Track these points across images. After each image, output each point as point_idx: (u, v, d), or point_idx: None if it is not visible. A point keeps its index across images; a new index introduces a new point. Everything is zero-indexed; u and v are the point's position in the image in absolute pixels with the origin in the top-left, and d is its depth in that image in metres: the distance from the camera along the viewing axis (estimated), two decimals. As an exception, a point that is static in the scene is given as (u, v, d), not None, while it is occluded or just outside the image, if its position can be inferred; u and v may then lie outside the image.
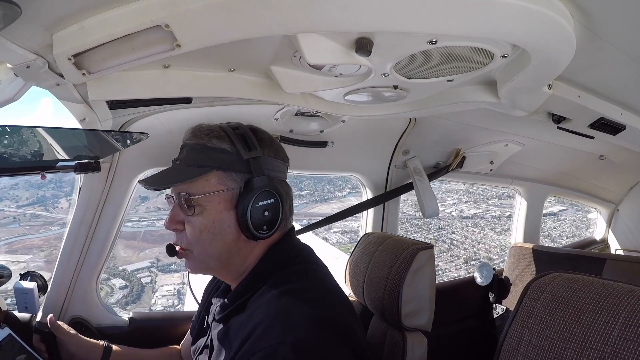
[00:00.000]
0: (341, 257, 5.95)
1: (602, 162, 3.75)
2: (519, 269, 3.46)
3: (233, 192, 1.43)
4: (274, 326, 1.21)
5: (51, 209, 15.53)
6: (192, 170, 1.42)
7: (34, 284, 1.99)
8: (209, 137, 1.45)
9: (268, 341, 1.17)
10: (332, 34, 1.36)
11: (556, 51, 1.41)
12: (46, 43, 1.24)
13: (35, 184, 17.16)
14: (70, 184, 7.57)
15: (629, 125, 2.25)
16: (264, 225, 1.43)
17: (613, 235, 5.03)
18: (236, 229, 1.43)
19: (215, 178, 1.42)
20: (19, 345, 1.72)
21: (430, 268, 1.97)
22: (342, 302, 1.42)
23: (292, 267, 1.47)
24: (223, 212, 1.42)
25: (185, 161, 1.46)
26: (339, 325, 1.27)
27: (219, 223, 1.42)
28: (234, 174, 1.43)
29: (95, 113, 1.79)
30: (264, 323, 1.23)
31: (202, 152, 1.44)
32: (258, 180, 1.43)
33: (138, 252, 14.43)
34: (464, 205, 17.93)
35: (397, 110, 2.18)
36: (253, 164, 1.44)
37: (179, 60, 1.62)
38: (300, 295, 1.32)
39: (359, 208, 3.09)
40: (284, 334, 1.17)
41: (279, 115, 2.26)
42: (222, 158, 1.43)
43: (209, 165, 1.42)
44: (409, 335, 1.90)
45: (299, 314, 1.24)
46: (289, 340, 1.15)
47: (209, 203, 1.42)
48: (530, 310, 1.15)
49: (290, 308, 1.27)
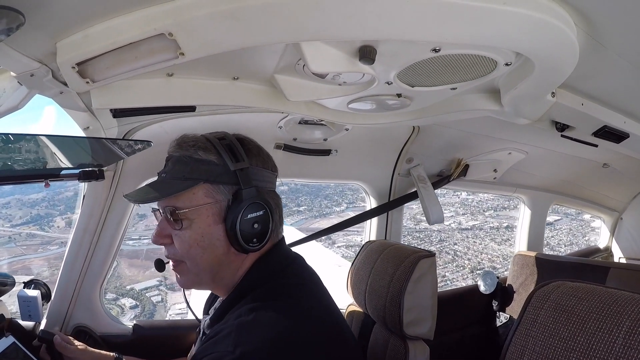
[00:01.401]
0: (344, 265, 5.93)
1: (605, 170, 3.75)
2: (523, 277, 3.46)
3: (221, 204, 1.39)
4: (230, 336, 1.21)
5: (47, 228, 15.51)
6: (179, 184, 1.38)
7: (38, 292, 2.00)
8: (195, 149, 1.41)
9: (219, 347, 1.18)
10: (335, 42, 1.36)
11: (559, 59, 1.41)
12: (50, 51, 1.24)
13: (28, 202, 17.13)
14: (64, 202, 7.58)
15: (632, 134, 2.24)
16: (254, 238, 1.40)
17: (616, 244, 5.01)
18: (226, 242, 1.40)
19: (203, 191, 1.39)
20: (23, 354, 1.72)
21: (432, 276, 1.96)
22: (314, 325, 1.35)
23: (275, 281, 1.43)
24: (212, 225, 1.39)
25: (171, 174, 1.42)
26: (294, 350, 1.23)
27: (208, 237, 1.39)
28: (222, 186, 1.39)
29: (99, 121, 1.80)
30: (224, 331, 1.24)
31: (188, 164, 1.39)
32: (246, 192, 1.39)
33: (143, 271, 14.44)
34: (462, 217, 18.07)
35: (401, 119, 2.18)
36: (241, 175, 1.40)
37: (183, 69, 1.62)
38: (267, 313, 1.29)
39: (364, 217, 3.09)
40: (235, 345, 1.17)
41: (282, 124, 2.26)
42: (209, 170, 1.39)
43: (196, 178, 1.38)
44: (411, 344, 1.90)
45: (257, 330, 1.23)
46: (237, 352, 1.14)
47: (197, 216, 1.38)
48: (533, 319, 1.14)
49: (251, 323, 1.25)
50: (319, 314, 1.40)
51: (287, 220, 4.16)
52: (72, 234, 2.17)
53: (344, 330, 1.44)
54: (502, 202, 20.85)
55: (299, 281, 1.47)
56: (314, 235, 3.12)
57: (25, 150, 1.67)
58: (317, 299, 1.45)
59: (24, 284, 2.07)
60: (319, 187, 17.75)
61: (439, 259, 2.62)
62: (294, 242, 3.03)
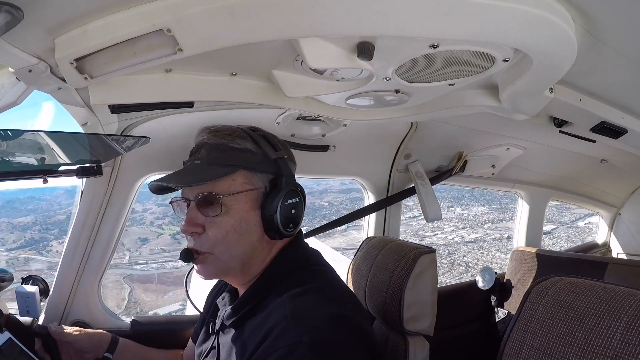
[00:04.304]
0: (343, 261, 5.94)
1: (603, 165, 3.75)
2: (521, 273, 3.46)
3: (259, 191, 1.44)
4: (290, 326, 1.20)
5: (45, 252, 15.44)
6: (218, 169, 1.41)
7: (36, 288, 1.99)
8: (232, 137, 1.45)
9: (285, 341, 1.17)
10: (333, 38, 1.36)
11: (558, 55, 1.41)
12: (48, 47, 1.24)
13: (19, 225, 17.06)
14: (57, 226, 7.58)
15: (630, 129, 2.24)
16: (291, 223, 1.45)
17: (615, 239, 5.02)
18: (261, 229, 1.44)
19: (242, 177, 1.42)
20: (19, 350, 1.71)
21: (432, 272, 1.96)
22: (355, 303, 1.43)
23: (305, 269, 1.47)
24: (249, 211, 1.42)
25: (207, 160, 1.44)
26: (355, 325, 1.27)
27: (246, 222, 1.42)
28: (259, 174, 1.44)
29: (97, 117, 1.80)
30: (281, 323, 1.23)
31: (226, 151, 1.43)
32: (286, 179, 1.45)
33: (162, 295, 14.44)
34: (463, 231, 18.32)
35: (399, 114, 2.18)
36: (281, 163, 1.46)
37: (181, 65, 1.62)
38: (316, 294, 1.32)
39: (362, 212, 3.09)
40: (301, 333, 1.16)
41: (280, 119, 2.26)
42: (247, 158, 1.43)
43: (235, 164, 1.42)
44: (411, 340, 1.90)
45: (316, 313, 1.25)
46: (306, 340, 1.14)
47: (235, 202, 1.41)
48: (532, 314, 1.15)
49: (306, 308, 1.27)
50: (349, 295, 1.48)
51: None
52: (70, 229, 2.17)
53: (365, 313, 1.53)
54: (497, 215, 21.08)
55: (326, 268, 1.53)
56: (314, 231, 3.12)
57: (23, 147, 1.67)
58: (341, 282, 1.51)
59: (22, 279, 2.07)
60: (313, 207, 17.91)
61: (452, 271, 2.69)
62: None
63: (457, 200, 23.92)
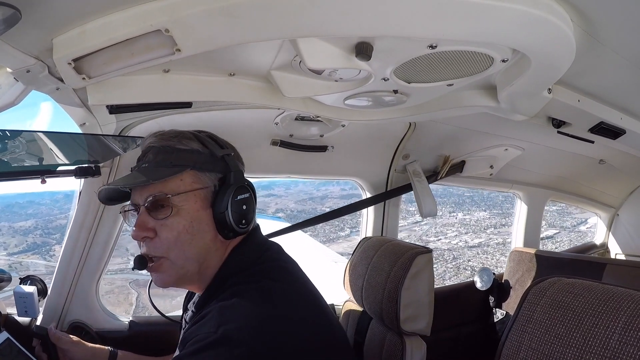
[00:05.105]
0: (340, 262, 5.94)
1: (602, 166, 3.75)
2: (519, 273, 3.46)
3: (208, 190, 1.41)
4: (214, 317, 1.20)
5: (48, 257, 15.39)
6: (165, 170, 1.38)
7: (34, 288, 1.99)
8: (178, 139, 1.43)
9: (202, 330, 1.18)
10: (332, 39, 1.36)
11: (556, 56, 1.41)
12: (46, 47, 1.24)
13: (20, 229, 17.00)
14: (59, 230, 7.56)
15: (628, 130, 2.25)
16: (243, 219, 1.43)
17: (613, 240, 5.03)
18: (213, 228, 1.41)
19: (190, 177, 1.40)
20: (17, 349, 1.71)
21: (428, 272, 1.96)
22: (296, 304, 1.35)
23: (255, 267, 1.42)
24: (200, 210, 1.39)
25: (154, 163, 1.42)
26: (277, 328, 1.22)
27: (197, 222, 1.39)
28: (207, 173, 1.42)
29: (95, 117, 1.80)
30: (210, 313, 1.23)
31: (173, 153, 1.41)
32: (234, 175, 1.44)
33: (170, 300, 14.41)
34: (466, 236, 18.42)
35: (397, 115, 2.18)
36: (228, 160, 1.45)
37: (179, 65, 1.62)
38: (256, 292, 1.29)
39: (359, 206, 3.09)
40: (217, 325, 1.16)
41: (279, 120, 2.26)
42: (194, 157, 1.42)
43: (183, 164, 1.39)
44: (408, 340, 1.90)
45: (239, 310, 1.22)
46: (219, 331, 1.14)
47: (185, 202, 1.38)
48: (530, 315, 1.15)
49: (233, 305, 1.24)
50: (301, 293, 1.41)
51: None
52: (69, 230, 2.17)
53: (326, 311, 1.43)
54: (499, 220, 21.11)
55: (279, 265, 1.47)
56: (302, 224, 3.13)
57: (21, 147, 1.67)
58: (298, 280, 1.46)
59: (21, 279, 2.07)
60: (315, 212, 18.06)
61: (458, 275, 2.72)
62: (280, 230, 3.06)
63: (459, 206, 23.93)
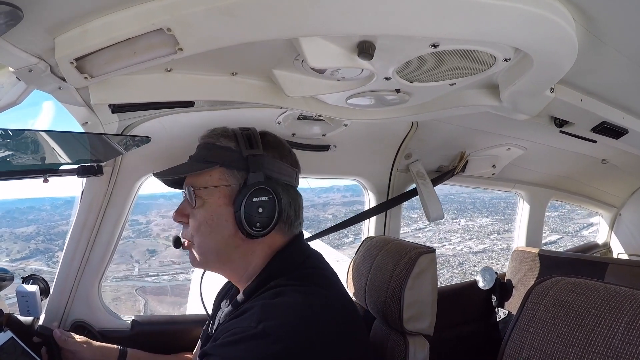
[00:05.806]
0: (343, 261, 5.94)
1: (604, 166, 3.75)
2: (521, 273, 3.46)
3: (233, 188, 1.47)
4: (256, 312, 1.23)
5: (51, 263, 15.41)
6: (199, 165, 1.51)
7: (36, 287, 2.00)
8: (218, 137, 1.53)
9: (242, 324, 1.22)
10: (334, 38, 1.36)
11: (558, 55, 1.40)
12: (48, 47, 1.24)
13: (22, 235, 16.99)
14: (61, 237, 7.52)
15: (631, 129, 2.24)
16: (257, 222, 1.44)
17: (616, 239, 5.02)
18: (233, 225, 1.45)
19: (218, 174, 1.48)
20: (21, 349, 1.72)
21: (432, 272, 1.96)
22: (337, 312, 1.38)
23: (298, 271, 1.46)
24: (222, 206, 1.47)
25: (195, 157, 1.56)
26: (316, 334, 1.25)
27: (217, 217, 1.47)
28: (235, 171, 1.48)
29: (97, 117, 1.80)
30: (249, 311, 1.26)
31: (210, 149, 1.53)
32: (253, 176, 1.46)
33: (177, 307, 14.38)
34: (470, 242, 18.49)
35: (400, 114, 2.18)
36: (251, 160, 1.48)
37: (181, 64, 1.62)
38: (292, 296, 1.32)
39: (363, 216, 3.09)
40: (258, 321, 1.19)
41: (281, 119, 2.26)
42: (226, 155, 1.49)
43: (214, 161, 1.49)
44: (411, 340, 1.90)
45: (282, 310, 1.25)
46: (259, 327, 1.18)
47: (210, 197, 1.48)
48: (532, 314, 1.15)
49: (276, 304, 1.28)
50: (343, 303, 1.45)
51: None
52: (71, 229, 2.17)
53: (358, 321, 1.48)
54: (503, 225, 21.07)
55: (321, 272, 1.52)
56: (315, 236, 3.12)
57: (23, 146, 1.67)
58: (337, 288, 1.50)
59: (23, 279, 2.07)
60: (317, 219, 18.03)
61: (465, 280, 2.75)
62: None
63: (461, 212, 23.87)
